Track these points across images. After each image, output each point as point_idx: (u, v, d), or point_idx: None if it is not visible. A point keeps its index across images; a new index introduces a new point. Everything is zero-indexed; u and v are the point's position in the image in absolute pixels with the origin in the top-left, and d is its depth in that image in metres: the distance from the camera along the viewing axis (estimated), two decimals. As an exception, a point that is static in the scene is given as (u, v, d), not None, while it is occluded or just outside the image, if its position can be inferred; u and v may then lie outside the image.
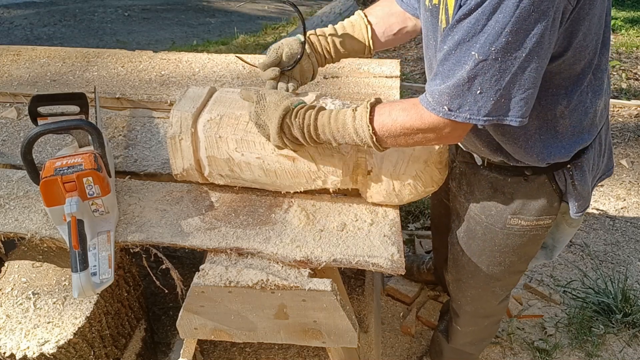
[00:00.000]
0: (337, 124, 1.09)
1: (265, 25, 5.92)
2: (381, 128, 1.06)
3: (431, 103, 1.00)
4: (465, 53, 0.93)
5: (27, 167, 1.20)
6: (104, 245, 1.16)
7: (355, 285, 1.98)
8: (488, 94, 0.93)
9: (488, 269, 1.37)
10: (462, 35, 0.92)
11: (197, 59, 1.95)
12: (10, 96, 1.73)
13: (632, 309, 2.10)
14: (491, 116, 0.95)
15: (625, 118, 3.74)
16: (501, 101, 0.94)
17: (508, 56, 0.90)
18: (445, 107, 0.97)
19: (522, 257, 1.34)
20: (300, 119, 1.11)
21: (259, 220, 1.26)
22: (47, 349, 1.18)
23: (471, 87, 0.94)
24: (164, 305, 1.92)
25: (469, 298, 1.50)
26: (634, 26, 5.64)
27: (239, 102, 1.27)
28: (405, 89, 3.86)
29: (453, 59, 0.95)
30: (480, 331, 1.65)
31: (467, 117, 0.96)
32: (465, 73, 0.93)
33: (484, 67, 0.91)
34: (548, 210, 1.23)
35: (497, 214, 1.26)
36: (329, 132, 1.10)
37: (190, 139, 1.24)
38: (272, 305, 1.13)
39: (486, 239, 1.31)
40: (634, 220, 2.74)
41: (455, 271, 1.48)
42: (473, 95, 0.94)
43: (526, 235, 1.27)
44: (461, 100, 0.95)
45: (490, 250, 1.33)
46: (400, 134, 1.05)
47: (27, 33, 5.52)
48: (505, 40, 0.88)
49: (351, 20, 1.36)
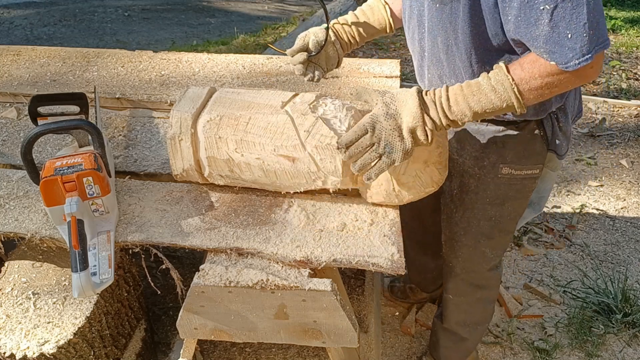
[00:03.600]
0: (470, 88, 1.07)
1: (265, 25, 5.92)
2: (521, 81, 1.04)
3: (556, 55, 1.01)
4: (534, 10, 0.96)
5: (27, 167, 1.20)
6: (104, 245, 1.16)
7: (355, 285, 1.98)
8: (579, 32, 0.95)
9: (479, 223, 1.43)
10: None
11: (197, 59, 1.95)
12: (10, 96, 1.73)
13: (632, 309, 2.10)
14: (592, 51, 0.97)
15: (625, 118, 3.74)
16: (591, 33, 0.96)
17: None
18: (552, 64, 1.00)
19: (511, 212, 1.41)
20: (432, 95, 1.10)
21: (259, 220, 1.26)
22: (47, 349, 1.18)
23: (560, 35, 0.96)
24: (164, 305, 1.92)
25: (459, 258, 1.54)
26: (634, 26, 5.64)
27: (239, 103, 1.27)
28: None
29: (526, 22, 0.99)
30: (472, 307, 1.66)
31: (576, 63, 0.98)
32: (546, 26, 0.96)
33: (560, 13, 0.95)
34: (536, 159, 1.31)
35: (490, 164, 1.33)
36: (462, 99, 1.07)
37: (190, 139, 1.24)
38: (272, 305, 1.13)
39: (478, 191, 1.38)
40: (634, 220, 2.74)
41: (449, 230, 1.53)
42: (567, 41, 0.97)
43: (516, 186, 1.35)
44: (561, 51, 0.98)
45: (482, 203, 1.40)
46: (542, 84, 1.04)
47: (27, 33, 5.52)
48: None
49: (369, 4, 1.48)
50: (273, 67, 1.89)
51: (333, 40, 1.42)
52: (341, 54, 1.45)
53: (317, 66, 1.41)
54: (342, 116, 1.24)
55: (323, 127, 1.19)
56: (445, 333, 1.77)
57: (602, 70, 4.53)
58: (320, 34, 1.38)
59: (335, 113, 1.24)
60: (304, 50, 1.38)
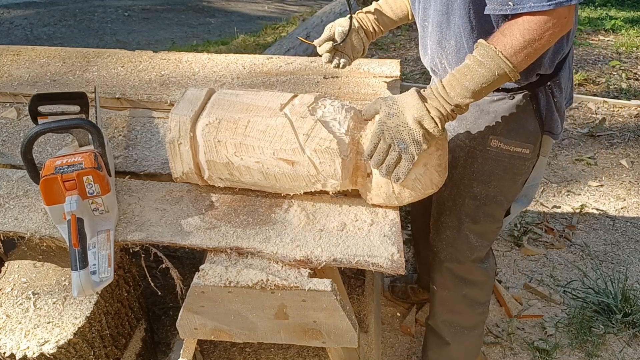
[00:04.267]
0: (460, 71, 1.11)
1: (265, 25, 5.92)
2: (504, 47, 1.07)
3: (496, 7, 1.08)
4: None
5: (27, 167, 1.20)
6: (103, 244, 1.16)
7: (355, 285, 1.98)
8: None
9: (464, 202, 1.44)
10: None
11: (197, 59, 1.95)
12: (10, 96, 1.73)
13: (632, 309, 2.10)
14: (553, 2, 1.00)
15: (625, 118, 3.74)
16: None
17: None
18: (510, 3, 1.05)
19: (497, 195, 1.41)
20: (428, 89, 1.16)
21: (259, 220, 1.26)
22: (47, 349, 1.18)
23: None
24: (164, 305, 1.92)
25: (444, 242, 1.54)
26: (634, 26, 5.65)
27: (238, 105, 1.27)
28: (405, 89, 3.86)
29: None
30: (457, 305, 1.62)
31: (531, 6, 1.02)
32: None
33: None
34: (527, 137, 1.32)
35: (480, 135, 1.35)
36: (456, 82, 1.11)
37: (189, 143, 1.24)
38: (272, 305, 1.13)
39: (466, 164, 1.40)
40: (634, 220, 2.74)
41: (436, 211, 1.55)
42: None
43: (503, 163, 1.36)
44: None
45: (469, 178, 1.41)
46: (525, 42, 1.06)
47: (27, 33, 5.52)
48: None
49: None
50: (273, 67, 1.89)
51: (357, 29, 1.51)
52: (366, 43, 1.54)
53: (344, 54, 1.53)
54: (341, 118, 1.23)
55: (322, 130, 1.19)
56: (432, 334, 1.73)
57: (602, 71, 4.53)
58: (345, 24, 1.48)
59: (335, 115, 1.24)
60: (331, 40, 1.50)
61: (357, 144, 1.23)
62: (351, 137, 1.22)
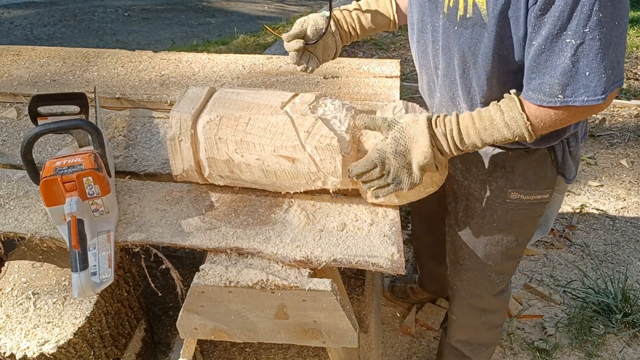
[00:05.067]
0: (482, 122, 1.05)
1: (265, 25, 5.92)
2: (535, 118, 1.02)
3: (543, 98, 0.99)
4: (559, 42, 0.93)
5: (27, 167, 1.20)
6: (104, 245, 1.16)
7: (355, 285, 1.98)
8: (597, 72, 0.93)
9: (485, 249, 1.38)
10: (549, 28, 0.93)
11: (197, 59, 1.95)
12: (10, 96, 1.73)
13: (632, 309, 2.10)
14: (607, 91, 0.95)
15: (625, 118, 3.74)
16: (609, 73, 0.94)
17: (605, 31, 0.90)
18: (560, 97, 0.97)
19: (518, 237, 1.36)
20: (442, 126, 1.07)
21: (259, 220, 1.26)
22: (47, 349, 1.18)
23: (578, 70, 0.94)
24: (164, 305, 1.92)
25: (464, 282, 1.50)
26: (634, 26, 5.64)
27: (239, 103, 1.27)
28: (405, 89, 3.86)
29: (548, 51, 0.95)
30: (476, 330, 1.62)
31: (585, 99, 0.96)
32: (567, 60, 0.94)
33: (585, 49, 0.92)
34: (546, 184, 1.26)
35: (498, 188, 1.28)
36: (475, 133, 1.05)
37: (189, 140, 1.24)
38: (272, 305, 1.13)
39: (485, 215, 1.33)
40: (634, 220, 2.74)
41: (453, 253, 1.49)
42: (583, 78, 0.94)
43: (524, 211, 1.30)
44: (573, 87, 0.96)
45: (489, 227, 1.34)
46: (556, 121, 1.02)
47: (27, 33, 5.52)
48: (597, 18, 0.89)
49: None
50: (273, 67, 1.89)
51: (333, 30, 1.34)
52: (339, 45, 1.37)
53: (313, 55, 1.33)
54: (342, 116, 1.24)
55: (323, 127, 1.19)
56: (449, 348, 1.73)
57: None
58: (321, 22, 1.30)
59: (335, 113, 1.24)
60: (302, 37, 1.30)
61: (357, 142, 1.23)
62: (352, 135, 1.22)
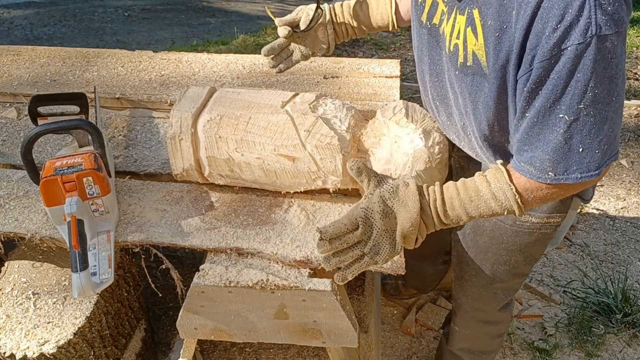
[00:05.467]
0: (467, 193, 0.97)
1: (265, 25, 5.91)
2: (525, 190, 0.96)
3: (534, 172, 0.93)
4: (552, 117, 0.87)
5: (27, 167, 1.20)
6: (104, 245, 1.16)
7: (355, 285, 1.98)
8: (591, 148, 0.88)
9: (492, 267, 1.35)
10: (542, 102, 0.87)
11: (197, 59, 1.95)
12: (10, 96, 1.73)
13: (632, 309, 2.10)
14: (601, 167, 0.90)
15: (625, 118, 3.74)
16: (604, 148, 0.89)
17: (601, 107, 0.85)
18: (551, 174, 0.92)
19: (527, 257, 1.32)
20: (426, 195, 0.98)
21: (259, 220, 1.26)
22: (47, 349, 1.18)
23: (571, 147, 0.88)
24: (164, 305, 1.92)
25: (469, 297, 1.48)
26: (634, 26, 5.64)
27: (239, 102, 1.27)
28: (405, 89, 3.86)
29: (540, 125, 0.90)
30: (479, 339, 1.61)
31: (578, 177, 0.90)
32: (560, 137, 0.88)
33: (578, 126, 0.86)
34: (559, 207, 1.20)
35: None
36: (459, 204, 0.97)
37: (190, 139, 1.24)
38: (272, 305, 1.13)
39: (494, 235, 1.28)
40: (634, 220, 2.74)
41: (459, 268, 1.46)
42: (576, 155, 0.89)
43: (535, 233, 1.25)
44: (565, 163, 0.90)
45: (497, 248, 1.30)
46: (548, 195, 0.96)
47: (27, 33, 5.52)
48: (592, 94, 0.83)
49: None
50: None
51: (327, 21, 1.30)
52: (332, 40, 1.33)
53: (301, 46, 1.30)
54: (342, 116, 1.24)
55: (323, 126, 1.19)
56: (450, 355, 1.72)
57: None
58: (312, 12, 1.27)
59: (336, 113, 1.24)
60: (294, 25, 1.28)
61: (357, 141, 1.24)
62: (352, 134, 1.22)
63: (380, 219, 0.94)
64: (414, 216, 0.94)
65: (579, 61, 0.81)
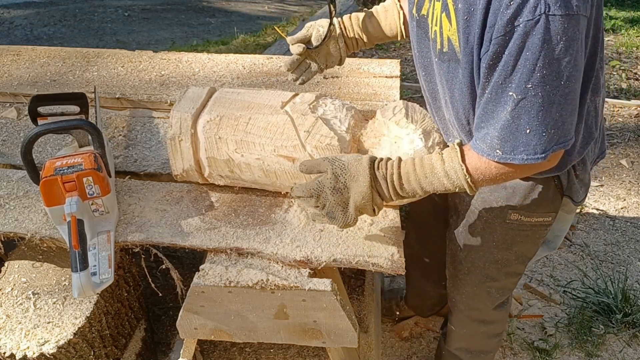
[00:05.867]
0: (423, 169, 1.02)
1: (265, 25, 5.92)
2: (475, 170, 1.00)
3: (485, 150, 0.97)
4: (503, 95, 0.91)
5: (27, 167, 1.20)
6: (104, 245, 1.16)
7: (355, 285, 1.98)
8: (538, 130, 0.90)
9: (485, 265, 1.37)
10: (496, 78, 0.91)
11: (197, 59, 1.95)
12: (10, 96, 1.73)
13: (632, 309, 2.10)
14: (547, 151, 0.92)
15: (625, 118, 3.74)
16: (551, 132, 0.91)
17: (549, 89, 0.87)
18: (499, 152, 0.94)
19: (519, 256, 1.34)
20: (383, 169, 1.04)
21: (259, 220, 1.26)
22: (47, 349, 1.18)
23: (518, 127, 0.91)
24: (164, 305, 1.92)
25: (463, 296, 1.49)
26: (634, 26, 5.64)
27: (239, 103, 1.27)
28: (405, 89, 3.86)
29: (493, 102, 0.93)
30: (475, 339, 1.61)
31: (524, 158, 0.93)
32: (508, 114, 0.91)
33: (526, 105, 0.89)
34: (549, 207, 1.22)
35: (498, 208, 1.26)
36: (415, 179, 1.03)
37: (190, 140, 1.24)
38: (272, 305, 1.13)
39: (485, 234, 1.31)
40: (634, 220, 2.74)
41: (453, 267, 1.48)
42: (523, 135, 0.91)
43: (525, 232, 1.27)
44: (513, 143, 0.93)
45: (488, 246, 1.32)
46: (496, 175, 0.99)
47: (27, 33, 5.52)
48: (540, 74, 0.86)
49: (384, 5, 1.37)
50: (273, 67, 1.89)
51: (337, 35, 1.34)
52: (344, 52, 1.37)
53: (313, 62, 1.35)
54: (342, 116, 1.24)
55: (323, 127, 1.19)
56: (449, 355, 1.72)
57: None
58: (325, 26, 1.30)
59: (335, 113, 1.24)
60: (306, 41, 1.31)
61: (357, 141, 1.24)
62: (352, 134, 1.22)
63: (331, 194, 1.04)
64: (364, 189, 1.02)
65: (528, 38, 0.85)
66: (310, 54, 1.33)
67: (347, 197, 1.05)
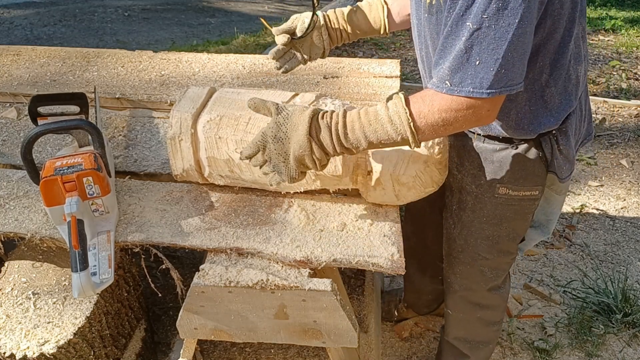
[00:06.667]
0: (367, 117, 1.02)
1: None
2: (419, 115, 1.00)
3: (435, 82, 0.99)
4: (461, 25, 0.94)
5: (27, 167, 1.20)
6: (104, 245, 1.16)
7: (355, 285, 1.98)
8: (487, 64, 0.93)
9: (476, 242, 1.40)
10: (457, 11, 0.94)
11: (197, 59, 1.95)
12: (10, 96, 1.73)
13: (632, 309, 2.10)
14: (493, 88, 0.94)
15: (625, 118, 3.74)
16: (501, 72, 0.93)
17: (501, 22, 0.90)
18: (447, 83, 0.96)
19: (509, 233, 1.37)
20: (328, 119, 1.03)
21: (259, 220, 1.26)
22: (47, 349, 1.18)
23: (469, 58, 0.94)
24: (164, 305, 1.92)
25: (457, 275, 1.51)
26: (634, 26, 5.65)
27: (239, 103, 1.27)
28: (405, 89, 3.86)
29: (452, 35, 0.96)
30: (472, 325, 1.62)
31: (470, 90, 0.95)
32: (462, 44, 0.94)
33: (479, 36, 0.92)
34: (535, 181, 1.27)
35: (487, 183, 1.30)
36: (359, 127, 1.02)
37: (190, 139, 1.24)
38: (272, 305, 1.13)
39: (475, 209, 1.35)
40: (634, 220, 2.74)
41: (447, 245, 1.51)
42: (472, 67, 0.94)
43: (514, 207, 1.32)
44: (462, 74, 0.95)
45: (479, 222, 1.36)
46: (439, 120, 1.00)
47: (27, 33, 5.52)
48: (496, 7, 0.89)
49: (369, 0, 1.43)
50: (273, 67, 1.88)
51: (321, 26, 1.39)
52: (327, 44, 1.41)
53: (298, 53, 1.41)
54: (342, 116, 1.24)
55: (323, 127, 1.19)
56: (448, 346, 1.73)
57: (602, 70, 4.53)
58: (308, 19, 1.36)
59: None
60: (291, 32, 1.37)
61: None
62: (351, 136, 1.22)
63: (272, 143, 1.03)
64: (302, 138, 1.01)
65: None
66: (295, 44, 1.39)
67: (288, 147, 1.03)
